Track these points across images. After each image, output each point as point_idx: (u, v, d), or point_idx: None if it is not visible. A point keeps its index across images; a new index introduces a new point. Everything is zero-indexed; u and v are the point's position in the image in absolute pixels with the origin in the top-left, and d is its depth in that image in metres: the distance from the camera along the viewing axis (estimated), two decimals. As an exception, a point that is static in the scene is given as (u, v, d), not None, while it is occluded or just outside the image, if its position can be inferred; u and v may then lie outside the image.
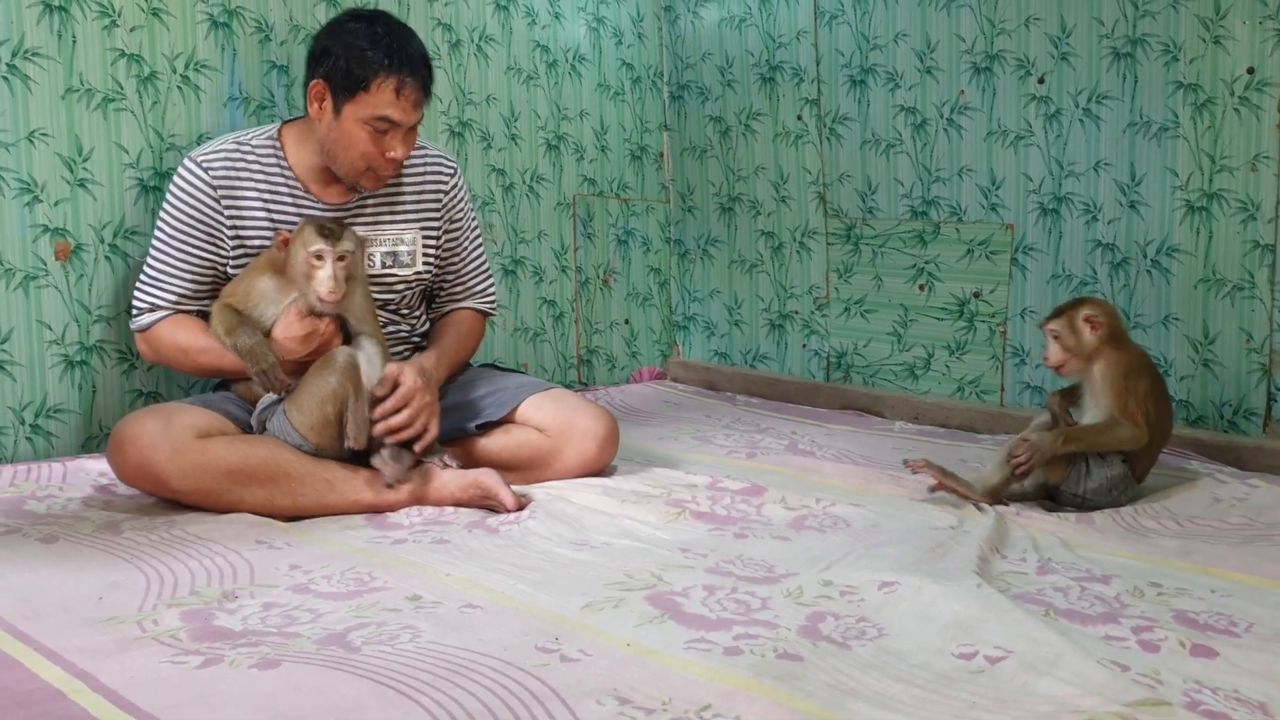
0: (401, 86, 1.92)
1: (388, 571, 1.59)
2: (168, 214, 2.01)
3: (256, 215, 2.01)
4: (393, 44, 1.92)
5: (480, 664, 1.27)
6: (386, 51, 1.91)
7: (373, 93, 1.91)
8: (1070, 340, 1.89)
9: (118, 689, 1.21)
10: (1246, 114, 2.19)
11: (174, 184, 2.01)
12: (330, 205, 2.04)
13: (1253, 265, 2.22)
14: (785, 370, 3.02)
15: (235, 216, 2.00)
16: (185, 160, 2.02)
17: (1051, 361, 1.91)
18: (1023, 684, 1.22)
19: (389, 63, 1.90)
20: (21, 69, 2.12)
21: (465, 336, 2.18)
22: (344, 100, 1.93)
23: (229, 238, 2.00)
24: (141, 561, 1.62)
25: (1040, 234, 2.51)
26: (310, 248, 1.83)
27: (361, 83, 1.91)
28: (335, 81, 1.93)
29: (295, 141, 2.03)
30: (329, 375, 1.85)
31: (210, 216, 1.99)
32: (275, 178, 2.02)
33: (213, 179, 1.99)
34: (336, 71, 1.92)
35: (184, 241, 1.99)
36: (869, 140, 2.78)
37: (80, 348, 2.22)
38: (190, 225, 1.99)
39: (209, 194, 1.98)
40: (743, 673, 1.24)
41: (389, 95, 1.92)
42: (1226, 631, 1.37)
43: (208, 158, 2.00)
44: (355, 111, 1.92)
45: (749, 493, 1.98)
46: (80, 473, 2.06)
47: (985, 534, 1.73)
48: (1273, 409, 2.22)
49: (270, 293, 1.88)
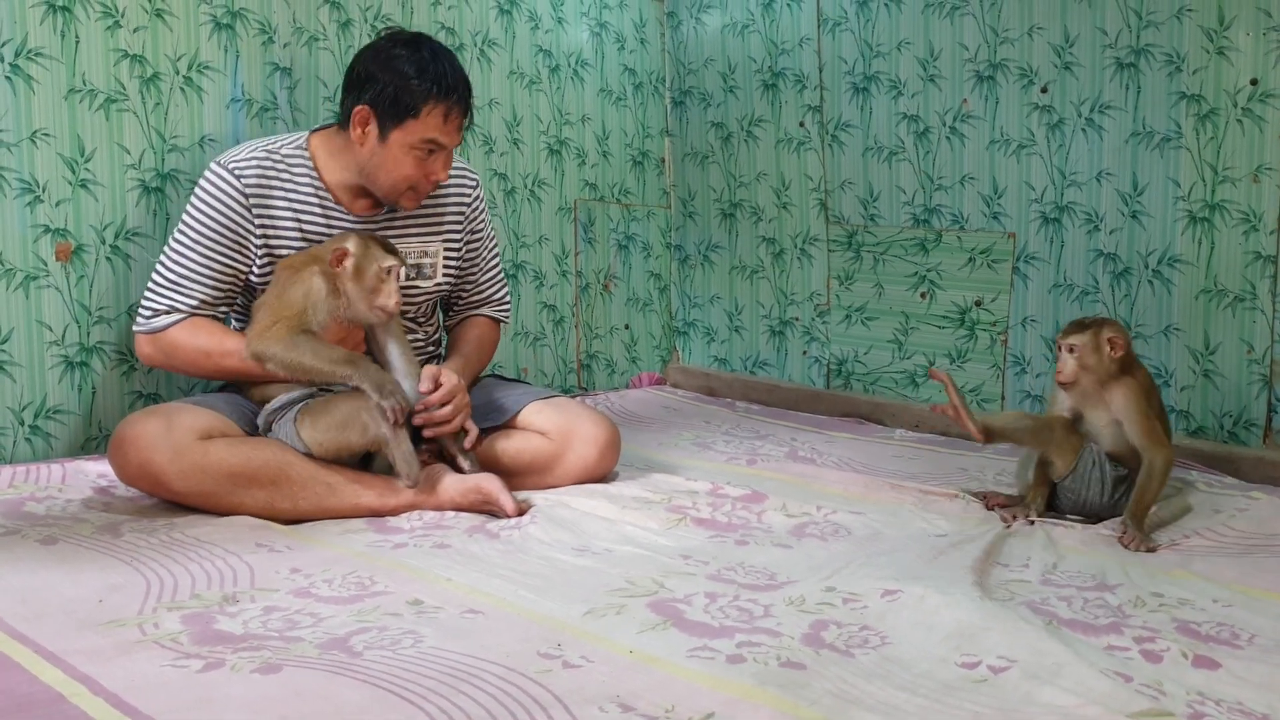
0: (450, 112, 1.94)
1: (389, 576, 1.58)
2: (194, 218, 1.98)
3: (287, 225, 2.00)
4: (439, 70, 1.94)
5: (483, 670, 1.26)
6: (434, 79, 1.92)
7: (422, 119, 1.93)
8: (1091, 359, 1.85)
9: (118, 692, 1.20)
10: (1249, 125, 2.20)
11: (203, 188, 1.99)
12: (359, 217, 2.05)
13: (1254, 276, 2.22)
14: (785, 377, 3.02)
15: (266, 226, 1.99)
16: (214, 165, 2.00)
17: (1064, 376, 1.87)
18: (1026, 694, 1.22)
19: (437, 90, 1.92)
20: (24, 69, 2.12)
21: (484, 345, 2.20)
22: (392, 127, 1.94)
23: (257, 247, 1.99)
24: (141, 564, 1.61)
25: (1042, 243, 2.52)
26: (384, 264, 1.89)
27: (411, 110, 1.92)
28: (382, 109, 1.93)
29: (325, 153, 2.03)
30: (360, 410, 1.85)
31: (240, 224, 1.98)
32: (305, 188, 2.02)
33: (245, 187, 1.97)
34: (384, 99, 1.93)
35: (209, 247, 1.97)
36: (871, 147, 2.78)
37: (80, 349, 2.21)
38: (219, 231, 1.97)
39: (241, 201, 1.97)
40: (746, 681, 1.23)
41: (438, 120, 1.94)
42: (1229, 643, 1.37)
43: (239, 165, 1.99)
44: (404, 138, 1.94)
45: (749, 500, 1.98)
46: (79, 474, 2.05)
47: (988, 543, 1.73)
48: (1273, 420, 2.22)
49: (325, 296, 1.90)
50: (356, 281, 1.89)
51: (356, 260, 1.89)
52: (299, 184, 2.02)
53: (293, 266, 1.93)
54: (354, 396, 1.87)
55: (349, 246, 1.90)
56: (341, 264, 1.89)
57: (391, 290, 1.91)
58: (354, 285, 1.89)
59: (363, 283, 1.89)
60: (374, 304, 1.90)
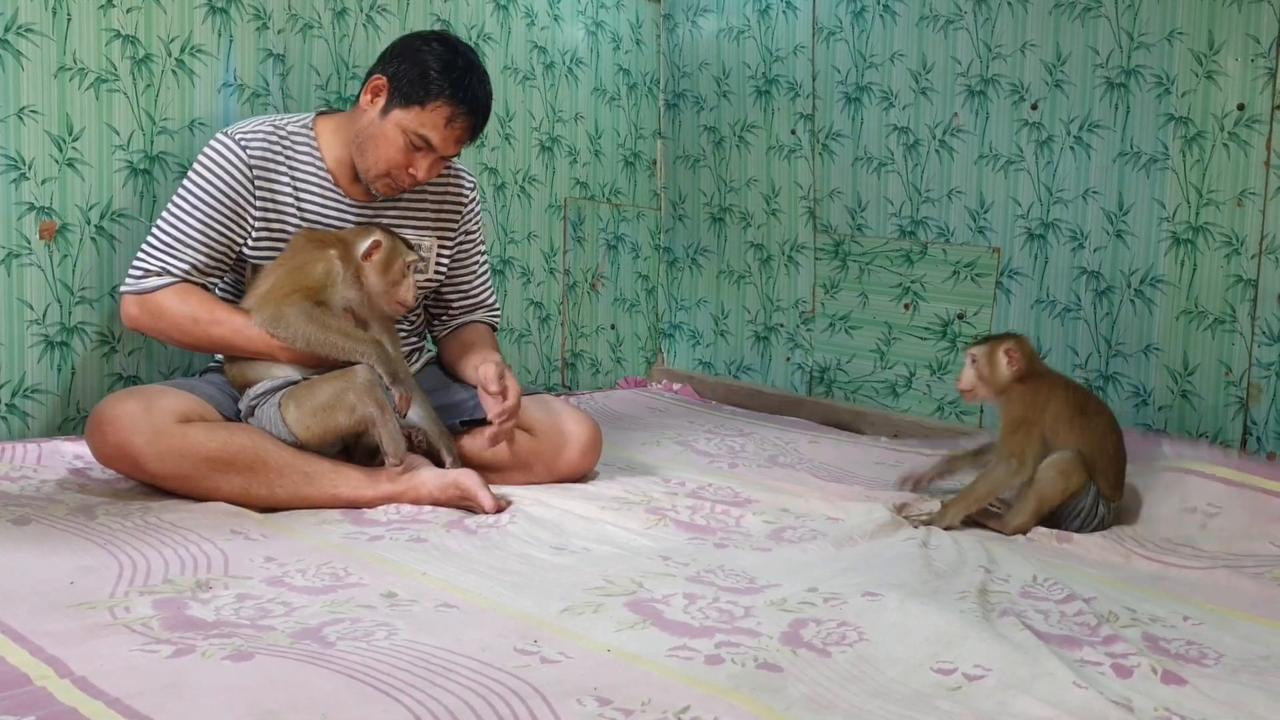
0: (454, 118, 1.95)
1: (363, 568, 1.58)
2: (195, 183, 1.97)
3: (286, 202, 2.01)
4: (465, 79, 1.95)
5: (459, 664, 1.26)
6: (455, 82, 1.94)
7: (427, 111, 1.94)
8: (986, 370, 1.93)
9: (86, 675, 1.19)
10: (1235, 149, 2.22)
11: (207, 155, 1.98)
12: (356, 202, 2.05)
13: (1235, 299, 2.24)
14: (769, 382, 3.03)
15: (266, 199, 1.99)
16: (220, 134, 2.00)
17: (963, 385, 1.96)
18: (999, 703, 1.22)
19: (452, 92, 1.94)
20: (14, 44, 2.10)
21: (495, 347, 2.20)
22: (397, 104, 1.95)
23: (255, 219, 1.99)
24: (115, 547, 1.60)
25: (1026, 259, 2.53)
26: (408, 259, 1.96)
27: (420, 98, 1.94)
28: (398, 85, 1.95)
29: (330, 134, 2.04)
30: (346, 390, 1.85)
31: (241, 194, 1.97)
32: (307, 167, 2.02)
33: (249, 158, 1.97)
34: (402, 76, 1.95)
35: (207, 214, 1.96)
36: (861, 158, 2.80)
37: (61, 328, 2.19)
38: (218, 198, 1.96)
39: (244, 172, 1.97)
40: (722, 682, 1.24)
41: (439, 120, 1.94)
42: (1197, 661, 1.38)
43: (246, 136, 1.99)
44: (403, 119, 1.95)
45: (729, 503, 1.98)
46: (56, 454, 2.03)
47: (966, 552, 1.74)
48: (1248, 442, 2.24)
49: (343, 282, 1.92)
50: (382, 274, 1.94)
51: (386, 253, 1.93)
52: (301, 162, 2.02)
53: (318, 241, 1.95)
54: (338, 378, 1.87)
55: (381, 239, 1.93)
56: (371, 257, 1.93)
57: (410, 285, 1.96)
58: (378, 277, 1.94)
59: (387, 276, 1.94)
60: (395, 298, 1.95)
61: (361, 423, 1.86)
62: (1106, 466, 1.92)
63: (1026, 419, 1.91)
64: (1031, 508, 1.90)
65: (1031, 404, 1.92)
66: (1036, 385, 1.93)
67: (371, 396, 1.84)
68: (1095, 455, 1.91)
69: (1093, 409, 1.96)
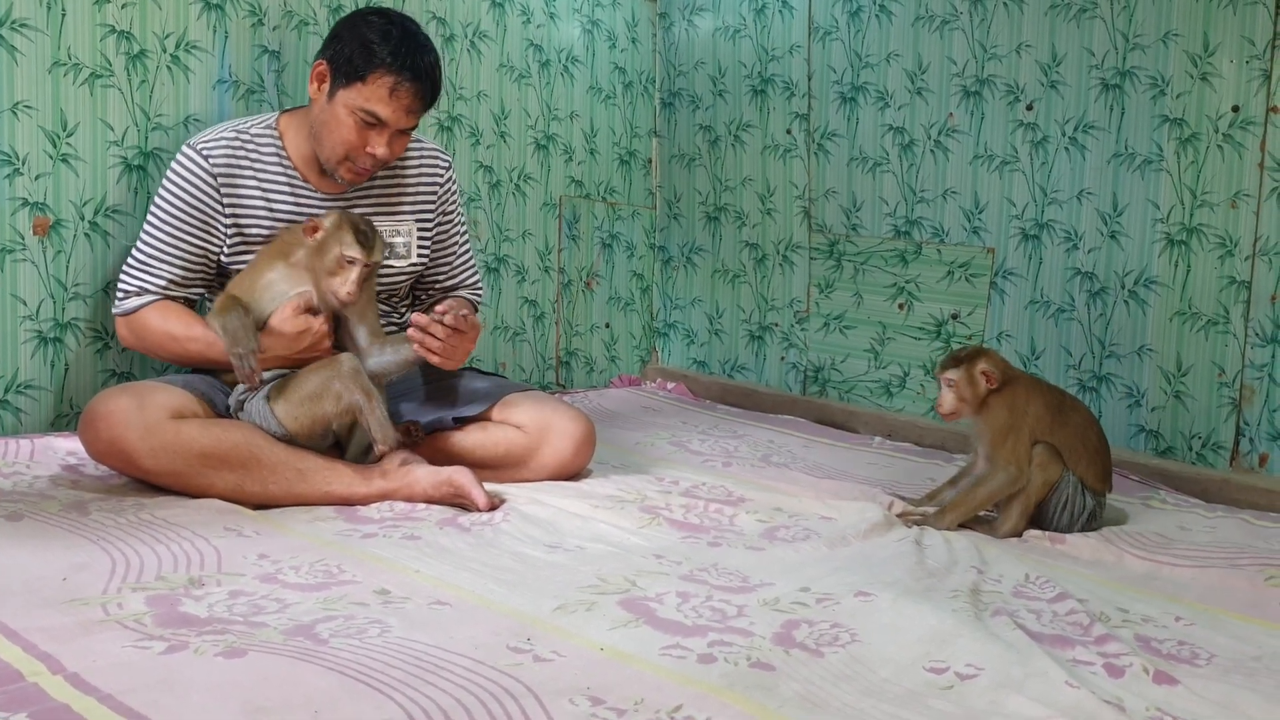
0: (397, 87, 1.93)
1: (356, 565, 1.57)
2: (163, 199, 1.99)
3: (256, 205, 2.01)
4: (402, 46, 1.93)
5: (452, 661, 1.26)
6: (393, 51, 1.92)
7: (368, 85, 1.92)
8: (966, 391, 1.92)
9: (79, 672, 1.19)
10: (1229, 151, 2.23)
11: (173, 170, 2.01)
12: (328, 195, 2.05)
13: (1228, 301, 2.25)
14: (763, 381, 3.03)
15: (234, 206, 2.00)
16: (184, 147, 2.01)
17: (944, 409, 1.93)
18: (991, 702, 1.23)
19: (391, 61, 1.92)
20: (8, 39, 2.09)
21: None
22: (340, 85, 1.94)
23: (226, 227, 2.00)
24: (108, 543, 1.60)
25: (1020, 259, 2.54)
26: (347, 252, 1.86)
27: (360, 73, 1.92)
28: (338, 66, 1.94)
29: (294, 131, 2.04)
30: (332, 379, 1.85)
31: (208, 205, 1.98)
32: (274, 167, 2.02)
33: (213, 167, 1.98)
34: (340, 56, 1.94)
35: (177, 228, 1.98)
36: (856, 158, 2.80)
37: (55, 324, 2.19)
38: (186, 212, 1.98)
39: (209, 182, 1.98)
40: (715, 681, 1.24)
41: (383, 92, 1.92)
42: (1189, 661, 1.39)
43: (208, 145, 2.00)
44: (347, 98, 1.94)
45: (723, 501, 1.98)
46: (49, 450, 2.03)
47: (959, 552, 1.75)
48: (1240, 444, 2.25)
49: (277, 282, 1.91)
50: (318, 257, 1.89)
51: (324, 237, 1.88)
52: (267, 163, 2.02)
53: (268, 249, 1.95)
54: (323, 368, 1.87)
55: (325, 222, 1.90)
56: (313, 235, 1.89)
57: (350, 280, 1.87)
58: (316, 260, 1.89)
59: (321, 261, 1.89)
60: (329, 286, 1.89)
61: (349, 410, 1.85)
62: (1092, 458, 1.92)
63: (1014, 425, 1.90)
64: (1018, 509, 1.90)
65: (1014, 410, 1.91)
66: (1013, 391, 1.92)
67: (357, 384, 1.84)
68: (1079, 448, 1.91)
69: (1069, 405, 1.97)
